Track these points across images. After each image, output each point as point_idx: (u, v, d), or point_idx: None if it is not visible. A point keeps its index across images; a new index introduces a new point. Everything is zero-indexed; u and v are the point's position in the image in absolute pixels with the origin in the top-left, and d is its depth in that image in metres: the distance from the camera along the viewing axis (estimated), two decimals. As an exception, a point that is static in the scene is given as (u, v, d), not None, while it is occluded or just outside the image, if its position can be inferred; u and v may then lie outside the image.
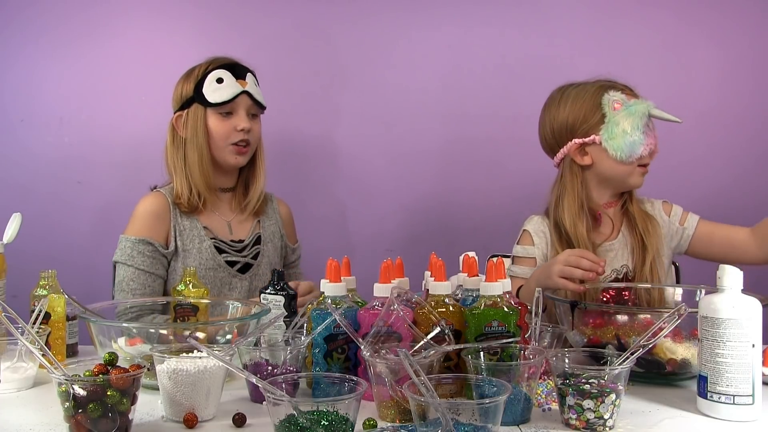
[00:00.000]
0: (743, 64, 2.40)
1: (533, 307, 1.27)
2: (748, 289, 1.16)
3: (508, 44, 2.43)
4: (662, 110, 1.71)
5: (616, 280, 1.74)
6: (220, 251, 1.88)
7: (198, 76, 1.87)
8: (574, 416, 1.08)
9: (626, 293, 1.64)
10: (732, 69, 2.40)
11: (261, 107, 1.92)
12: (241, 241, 1.93)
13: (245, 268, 1.91)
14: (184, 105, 1.88)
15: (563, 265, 1.50)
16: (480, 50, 2.44)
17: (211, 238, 1.89)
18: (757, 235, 1.71)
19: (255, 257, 1.94)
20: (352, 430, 0.99)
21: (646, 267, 1.74)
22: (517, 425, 1.09)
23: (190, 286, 1.54)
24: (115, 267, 1.85)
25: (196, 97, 1.86)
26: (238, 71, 1.89)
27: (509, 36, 2.44)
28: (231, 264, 1.89)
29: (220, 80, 1.85)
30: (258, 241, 1.96)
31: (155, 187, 1.95)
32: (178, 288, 1.55)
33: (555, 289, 1.51)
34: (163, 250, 1.83)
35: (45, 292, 1.48)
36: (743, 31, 2.40)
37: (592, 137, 1.71)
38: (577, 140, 1.74)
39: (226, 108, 1.86)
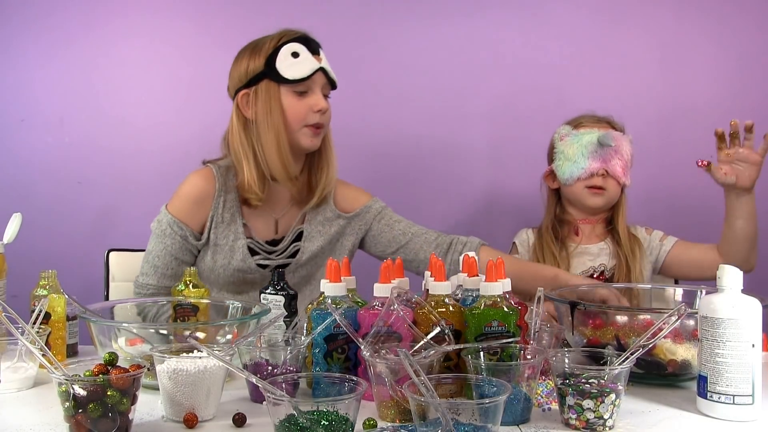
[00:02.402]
0: (747, 66, 2.40)
1: (534, 307, 1.27)
2: (748, 290, 1.16)
3: (508, 44, 2.44)
4: (610, 138, 1.88)
5: (591, 276, 1.92)
6: (253, 253, 1.78)
7: (269, 50, 1.69)
8: (574, 416, 1.08)
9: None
10: (735, 71, 2.40)
11: (334, 86, 1.77)
12: (281, 240, 1.81)
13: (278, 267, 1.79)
14: (252, 81, 1.71)
15: None
16: (480, 51, 2.44)
17: (248, 238, 1.78)
18: (722, 257, 1.84)
19: (293, 255, 1.81)
20: (352, 430, 0.99)
21: (628, 274, 1.90)
22: (517, 425, 1.09)
23: (190, 286, 1.54)
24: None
25: (267, 72, 1.69)
26: (314, 45, 1.73)
27: (510, 36, 2.44)
28: (263, 266, 1.78)
29: (295, 54, 1.69)
30: (299, 237, 1.82)
31: (207, 163, 1.81)
32: (178, 288, 1.55)
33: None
34: (194, 240, 1.75)
35: (45, 292, 1.48)
36: (747, 32, 2.39)
37: (551, 166, 2.00)
38: (547, 168, 2.04)
39: (302, 86, 1.70)
